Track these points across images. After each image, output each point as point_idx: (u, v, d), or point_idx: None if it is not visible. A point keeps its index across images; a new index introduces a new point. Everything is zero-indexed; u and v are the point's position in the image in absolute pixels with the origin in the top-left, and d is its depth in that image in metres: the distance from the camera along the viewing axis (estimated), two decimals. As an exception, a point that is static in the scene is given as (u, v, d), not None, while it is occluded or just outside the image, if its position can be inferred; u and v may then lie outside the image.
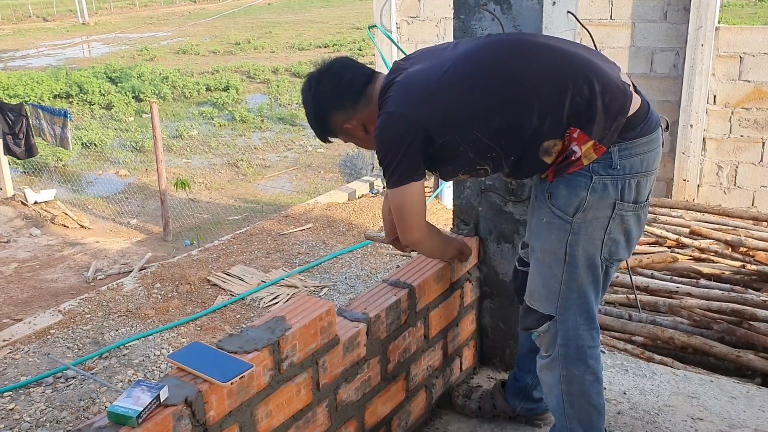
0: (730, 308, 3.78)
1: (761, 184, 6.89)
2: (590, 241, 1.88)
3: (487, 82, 1.84)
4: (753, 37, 6.57)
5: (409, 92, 1.88)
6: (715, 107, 6.86)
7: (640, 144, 1.84)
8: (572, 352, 1.95)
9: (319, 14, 32.38)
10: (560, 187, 1.87)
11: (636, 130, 1.83)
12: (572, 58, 1.85)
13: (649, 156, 1.86)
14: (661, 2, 6.87)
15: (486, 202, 2.49)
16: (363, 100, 1.96)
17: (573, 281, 1.91)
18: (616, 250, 1.92)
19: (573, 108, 1.79)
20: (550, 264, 1.93)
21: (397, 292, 2.17)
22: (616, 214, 1.86)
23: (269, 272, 5.78)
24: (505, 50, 1.90)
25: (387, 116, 1.88)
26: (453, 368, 2.54)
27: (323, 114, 1.99)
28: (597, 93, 1.78)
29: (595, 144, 1.80)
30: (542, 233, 1.94)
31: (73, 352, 4.59)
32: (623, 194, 1.84)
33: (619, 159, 1.82)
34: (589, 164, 1.82)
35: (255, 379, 1.66)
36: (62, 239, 8.66)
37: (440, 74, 1.88)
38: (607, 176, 1.82)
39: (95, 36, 28.63)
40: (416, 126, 1.83)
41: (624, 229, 1.89)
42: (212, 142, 13.71)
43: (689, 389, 2.52)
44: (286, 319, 1.80)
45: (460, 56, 1.90)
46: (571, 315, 1.94)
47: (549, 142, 1.82)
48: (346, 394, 1.99)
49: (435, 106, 1.84)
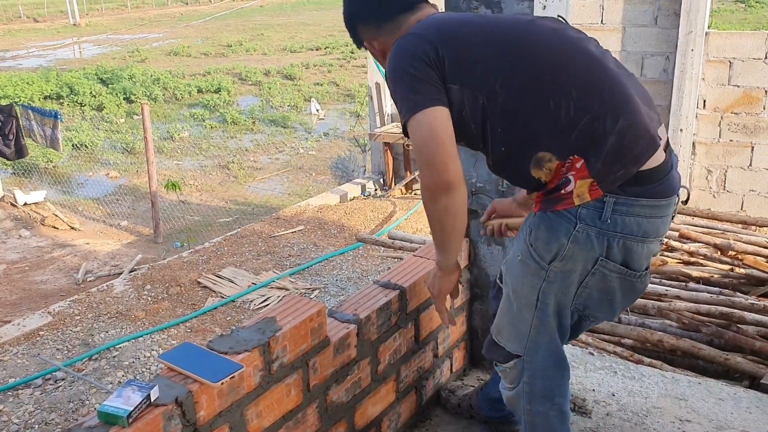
0: (719, 311, 3.81)
1: (750, 189, 6.94)
2: (564, 291, 1.73)
3: (520, 55, 1.64)
4: (742, 43, 6.62)
5: (439, 24, 1.72)
6: (704, 112, 6.91)
7: (642, 205, 1.62)
8: (538, 390, 1.86)
9: (311, 17, 32.37)
10: (541, 227, 1.69)
11: (643, 187, 1.61)
12: (611, 76, 1.65)
13: (650, 222, 1.64)
14: (652, 7, 6.91)
15: (477, 203, 2.50)
16: (391, 24, 1.80)
17: (544, 327, 1.79)
18: (591, 305, 1.76)
19: (588, 131, 1.59)
20: (520, 307, 1.80)
21: (388, 293, 2.18)
22: (597, 270, 1.68)
23: (260, 274, 5.77)
24: (549, 33, 1.70)
25: (404, 36, 1.70)
26: (443, 370, 2.55)
27: (350, 22, 1.88)
28: (619, 128, 1.59)
29: (592, 183, 1.60)
30: (516, 271, 1.79)
31: (62, 354, 4.57)
32: (609, 252, 1.65)
33: (611, 213, 1.61)
34: (577, 207, 1.63)
35: (245, 379, 1.67)
36: (52, 241, 8.62)
37: (478, 21, 1.74)
38: (593, 227, 1.63)
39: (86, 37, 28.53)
40: (435, 50, 1.64)
41: (605, 287, 1.71)
42: (203, 143, 13.68)
43: (677, 391, 2.53)
44: (276, 320, 1.80)
45: (505, 19, 1.80)
46: (539, 357, 1.83)
47: (546, 153, 1.62)
48: (336, 395, 1.99)
49: (460, 45, 1.66)
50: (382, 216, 7.46)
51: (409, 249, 5.34)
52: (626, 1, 7.00)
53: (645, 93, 1.71)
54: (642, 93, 1.69)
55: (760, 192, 6.90)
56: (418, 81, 1.63)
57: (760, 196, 6.91)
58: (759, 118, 6.71)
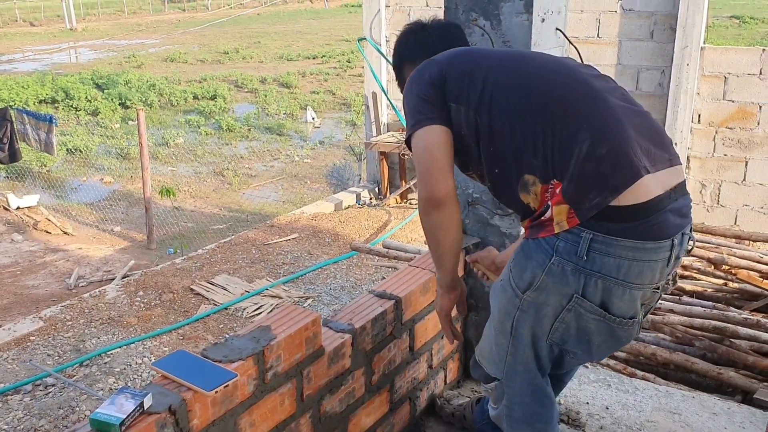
0: (712, 325, 3.81)
1: (744, 203, 6.96)
2: (537, 322, 1.68)
3: (513, 77, 1.72)
4: (737, 58, 6.66)
5: (456, 50, 1.86)
6: (699, 126, 6.94)
7: (624, 246, 1.53)
8: (517, 416, 1.85)
9: (308, 25, 32.45)
10: (521, 254, 1.68)
11: (622, 225, 1.53)
12: (608, 112, 1.61)
13: (633, 266, 1.54)
14: (648, 21, 6.95)
15: (473, 214, 2.50)
16: None
17: (518, 356, 1.76)
18: (568, 340, 1.69)
19: (566, 153, 1.57)
20: (497, 332, 1.80)
21: (384, 303, 2.17)
22: (573, 307, 1.61)
23: (253, 282, 5.75)
24: (555, 63, 1.77)
25: (422, 63, 1.84)
26: (437, 381, 2.54)
27: (397, 63, 2.05)
28: (598, 155, 1.55)
29: (569, 210, 1.56)
30: (496, 296, 1.79)
31: (53, 360, 4.54)
32: (585, 290, 1.58)
33: (587, 249, 1.54)
34: (556, 238, 1.58)
35: (239, 388, 1.66)
36: (44, 245, 8.58)
37: (485, 52, 1.86)
38: (569, 262, 1.57)
39: (83, 42, 28.51)
40: (440, 71, 1.76)
41: (581, 327, 1.64)
42: (198, 150, 13.66)
43: (671, 405, 2.53)
44: (271, 329, 1.79)
45: (509, 51, 1.95)
46: (517, 384, 1.81)
47: (530, 176, 1.62)
48: (330, 405, 1.98)
49: (462, 66, 1.75)
50: (376, 225, 7.46)
51: (404, 259, 5.34)
52: (622, 15, 7.05)
53: (655, 131, 1.66)
54: (649, 129, 1.65)
55: (753, 207, 6.93)
56: (420, 101, 1.73)
57: (754, 210, 6.93)
58: (753, 134, 6.74)
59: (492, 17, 2.28)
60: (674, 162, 1.64)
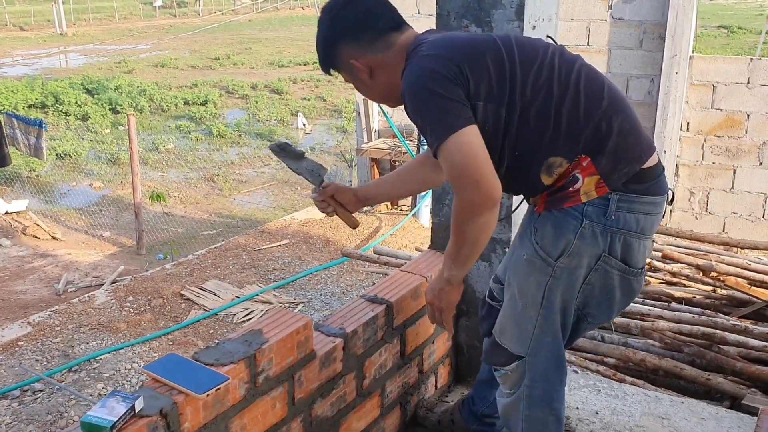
0: (701, 331, 3.83)
1: (732, 211, 7.02)
2: (569, 287, 1.78)
3: (534, 67, 1.71)
4: (725, 67, 6.73)
5: (452, 41, 1.75)
6: (688, 134, 6.99)
7: (642, 202, 1.72)
8: (538, 394, 1.89)
9: (299, 32, 32.48)
10: (548, 225, 1.75)
11: (643, 185, 1.71)
12: (609, 86, 1.77)
13: (647, 219, 1.74)
14: (637, 30, 7.01)
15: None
16: (381, 42, 1.79)
17: (548, 326, 1.82)
18: (591, 303, 1.82)
19: (594, 132, 1.68)
20: (525, 305, 1.83)
21: (375, 307, 2.17)
22: (600, 266, 1.74)
23: (243, 288, 5.75)
24: (557, 51, 1.79)
25: (425, 57, 1.69)
26: (428, 386, 2.54)
27: (335, 40, 1.81)
28: (622, 129, 1.69)
29: (599, 180, 1.68)
30: (521, 271, 1.83)
31: (41, 365, 4.51)
32: (612, 248, 1.72)
33: (615, 209, 1.69)
34: (584, 205, 1.70)
35: (230, 391, 1.66)
36: (33, 250, 8.54)
37: (486, 39, 1.76)
38: (599, 224, 1.70)
39: (73, 47, 28.42)
40: (459, 69, 1.65)
41: (605, 285, 1.78)
42: (189, 156, 13.64)
43: (660, 410, 2.54)
44: (263, 333, 1.79)
45: (507, 36, 1.82)
46: (542, 358, 1.86)
47: (557, 158, 1.70)
48: (321, 409, 1.98)
49: (480, 63, 1.68)
50: (367, 231, 7.46)
51: (395, 265, 5.34)
52: (612, 24, 7.10)
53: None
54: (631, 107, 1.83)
55: (741, 214, 6.99)
56: (446, 101, 1.63)
57: (742, 218, 6.99)
58: (741, 142, 6.81)
59: (484, 24, 2.30)
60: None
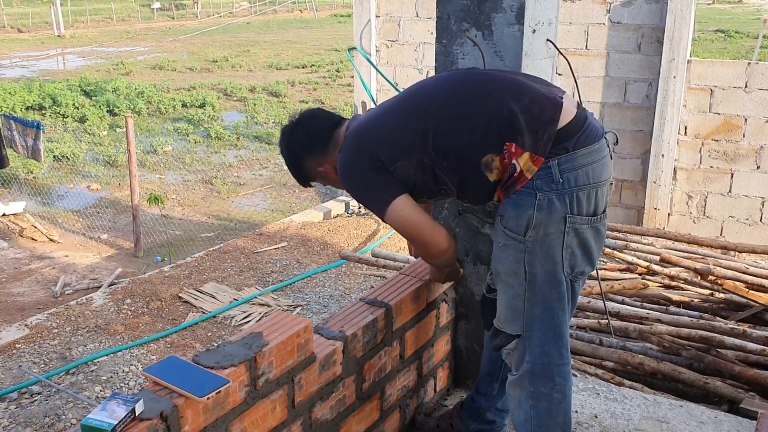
0: (699, 335, 3.84)
1: (729, 215, 7.03)
2: (548, 257, 1.91)
3: (420, 109, 1.97)
4: (723, 71, 6.74)
5: (359, 130, 2.04)
6: (686, 138, 7.01)
7: (581, 155, 1.87)
8: (539, 369, 1.99)
9: (297, 35, 32.49)
10: (508, 209, 1.92)
11: (572, 140, 1.87)
12: (501, 80, 1.99)
13: (594, 167, 1.89)
14: (636, 34, 7.02)
15: (463, 223, 2.51)
16: (331, 144, 2.09)
17: (535, 298, 1.95)
18: (576, 263, 1.95)
19: (501, 121, 1.87)
20: (512, 284, 1.97)
21: (375, 311, 2.18)
22: (569, 228, 1.89)
23: (242, 290, 5.74)
24: (442, 80, 2.08)
25: (343, 154, 2.02)
26: (427, 389, 2.54)
27: (298, 161, 2.14)
28: (523, 106, 1.86)
29: (531, 156, 1.85)
30: (501, 257, 1.99)
31: (39, 368, 4.50)
32: (572, 208, 1.87)
33: (560, 173, 1.86)
34: (532, 181, 1.86)
35: (231, 395, 1.66)
36: (30, 252, 8.51)
37: (383, 110, 2.07)
38: (552, 191, 1.86)
39: (71, 48, 28.39)
40: (370, 154, 1.96)
41: (580, 242, 1.92)
42: (187, 158, 13.62)
43: (659, 414, 2.55)
44: (263, 336, 1.79)
45: (404, 92, 2.09)
46: (536, 332, 1.98)
47: (487, 157, 1.89)
48: (321, 412, 1.98)
49: (379, 137, 1.99)
50: (365, 234, 7.46)
51: (393, 267, 5.34)
52: (610, 28, 7.12)
53: (537, 78, 2.06)
54: (533, 78, 2.04)
55: (739, 218, 7.00)
56: (373, 183, 1.97)
57: (739, 222, 7.00)
58: (739, 146, 6.82)
59: (484, 28, 2.30)
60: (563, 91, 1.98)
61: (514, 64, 2.28)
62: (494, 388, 2.33)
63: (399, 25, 8.29)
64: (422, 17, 8.12)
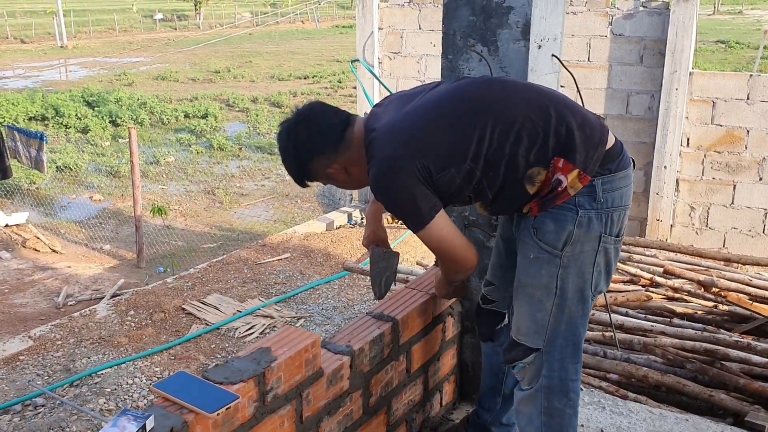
0: (703, 347, 3.83)
1: (732, 226, 7.04)
2: (580, 274, 1.93)
3: (476, 116, 1.87)
4: (725, 83, 6.77)
5: (400, 135, 1.90)
6: (688, 150, 7.02)
7: (620, 178, 1.93)
8: (556, 384, 1.99)
9: (299, 46, 32.61)
10: (547, 222, 1.92)
11: (615, 163, 1.92)
12: (549, 92, 1.98)
13: (626, 191, 1.95)
14: (638, 46, 7.06)
15: (469, 237, 2.51)
16: (343, 144, 1.94)
17: (562, 314, 1.96)
18: (600, 281, 1.98)
19: (557, 137, 1.86)
20: (540, 298, 1.97)
21: (381, 325, 2.18)
22: (601, 247, 1.92)
23: (245, 302, 5.74)
24: (485, 86, 1.99)
25: (383, 161, 1.87)
26: (433, 403, 2.55)
27: (304, 161, 1.96)
28: (578, 123, 1.88)
29: (579, 173, 1.86)
30: (530, 269, 1.97)
31: (42, 380, 4.50)
32: (607, 227, 1.91)
33: (602, 192, 1.89)
34: (575, 198, 1.88)
35: (240, 410, 1.66)
36: (33, 263, 8.52)
37: (427, 114, 1.91)
38: (592, 210, 1.89)
39: (73, 59, 28.50)
40: (416, 164, 1.84)
41: (606, 261, 1.96)
42: (189, 168, 13.65)
43: (665, 428, 2.55)
44: (271, 351, 1.80)
45: (443, 96, 1.95)
46: (557, 347, 1.98)
47: (534, 169, 1.87)
48: (328, 427, 1.98)
49: (430, 144, 1.87)
50: (368, 245, 7.46)
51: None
52: (612, 40, 7.15)
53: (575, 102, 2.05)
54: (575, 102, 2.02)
55: (741, 230, 7.01)
56: (411, 198, 1.86)
57: (742, 233, 7.01)
58: (741, 157, 6.83)
59: (489, 43, 2.32)
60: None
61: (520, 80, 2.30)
62: (497, 402, 2.33)
63: (402, 37, 8.33)
64: (425, 29, 8.16)
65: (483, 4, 2.30)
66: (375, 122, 1.96)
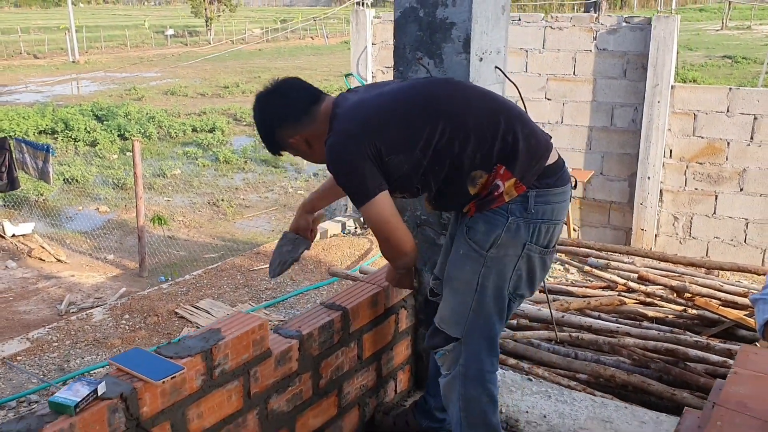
0: (665, 347, 3.98)
1: (714, 236, 7.18)
2: (500, 274, 2.08)
3: (429, 112, 2.01)
4: (706, 96, 6.94)
5: (361, 114, 2.05)
6: (671, 161, 7.19)
7: (555, 194, 2.06)
8: (472, 374, 2.16)
9: (308, 61, 32.98)
10: (479, 223, 2.07)
11: (553, 178, 2.05)
12: (504, 101, 2.14)
13: (559, 206, 2.08)
14: (621, 60, 7.25)
15: (421, 235, 2.71)
16: (307, 118, 2.09)
17: (480, 309, 2.12)
18: (520, 285, 2.12)
19: (503, 143, 1.99)
20: (462, 291, 2.13)
21: (331, 313, 2.37)
22: (525, 254, 2.06)
23: (236, 306, 5.94)
24: (445, 86, 2.14)
25: (339, 135, 2.01)
26: (387, 390, 2.72)
27: (270, 129, 2.13)
28: (525, 135, 2.01)
29: (516, 182, 2.00)
30: (458, 264, 2.14)
31: (37, 378, 4.70)
32: (533, 237, 2.05)
33: (534, 204, 2.03)
34: (508, 204, 2.02)
35: (187, 382, 1.85)
36: (38, 272, 8.76)
37: (390, 101, 2.08)
38: (521, 218, 2.03)
39: (84, 74, 28.97)
40: (369, 143, 1.97)
41: (529, 268, 2.10)
42: (194, 181, 13.91)
43: (604, 414, 2.71)
44: (221, 331, 1.99)
45: (406, 88, 2.14)
46: (474, 339, 2.14)
47: (477, 172, 2.01)
48: (277, 404, 2.17)
49: (385, 128, 2.01)
50: (358, 252, 7.66)
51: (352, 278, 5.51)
52: (597, 54, 7.34)
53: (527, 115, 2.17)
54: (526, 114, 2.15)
55: (723, 239, 7.15)
56: (359, 174, 1.98)
57: (724, 243, 7.15)
58: (722, 168, 6.99)
59: (435, 56, 2.52)
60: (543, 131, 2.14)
61: (463, 89, 2.48)
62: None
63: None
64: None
65: (429, 20, 2.50)
66: (343, 102, 2.11)
